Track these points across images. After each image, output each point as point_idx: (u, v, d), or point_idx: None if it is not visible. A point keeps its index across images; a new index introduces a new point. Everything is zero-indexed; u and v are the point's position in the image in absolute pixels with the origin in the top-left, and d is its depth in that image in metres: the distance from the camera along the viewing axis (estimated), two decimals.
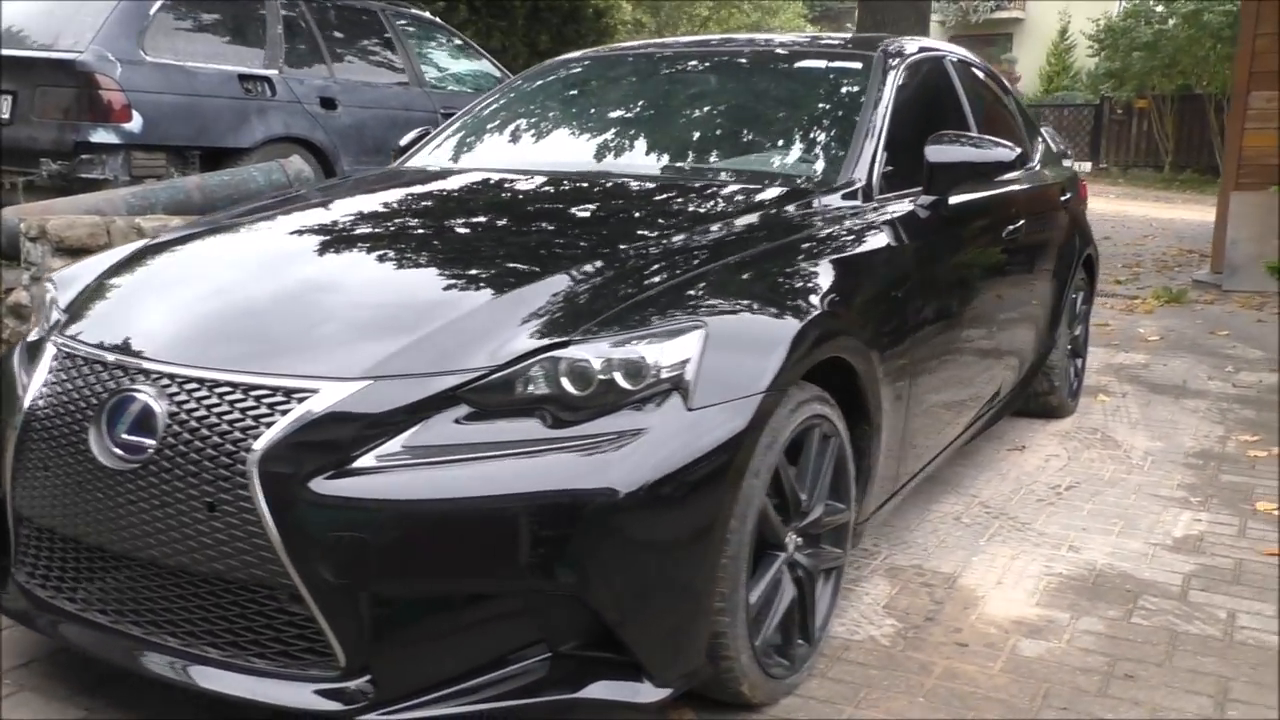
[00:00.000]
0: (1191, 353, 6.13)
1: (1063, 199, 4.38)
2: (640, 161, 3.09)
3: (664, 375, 1.95)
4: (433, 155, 3.50)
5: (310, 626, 1.87)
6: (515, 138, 3.49)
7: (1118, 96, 25.89)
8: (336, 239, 2.56)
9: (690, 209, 2.69)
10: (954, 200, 3.07)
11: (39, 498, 2.12)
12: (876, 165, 2.91)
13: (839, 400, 2.42)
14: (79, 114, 5.29)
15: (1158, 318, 7.38)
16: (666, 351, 1.97)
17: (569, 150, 3.31)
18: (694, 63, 3.65)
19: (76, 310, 2.35)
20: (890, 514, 3.33)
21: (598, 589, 1.87)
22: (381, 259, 2.40)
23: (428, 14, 7.73)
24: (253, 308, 2.19)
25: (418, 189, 3.06)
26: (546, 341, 1.95)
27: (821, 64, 3.45)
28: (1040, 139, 4.58)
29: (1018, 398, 4.04)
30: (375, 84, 6.64)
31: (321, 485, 1.83)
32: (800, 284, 2.33)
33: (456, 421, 1.89)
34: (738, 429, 1.99)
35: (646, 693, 1.92)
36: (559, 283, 2.13)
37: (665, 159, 3.10)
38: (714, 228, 2.47)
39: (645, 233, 2.50)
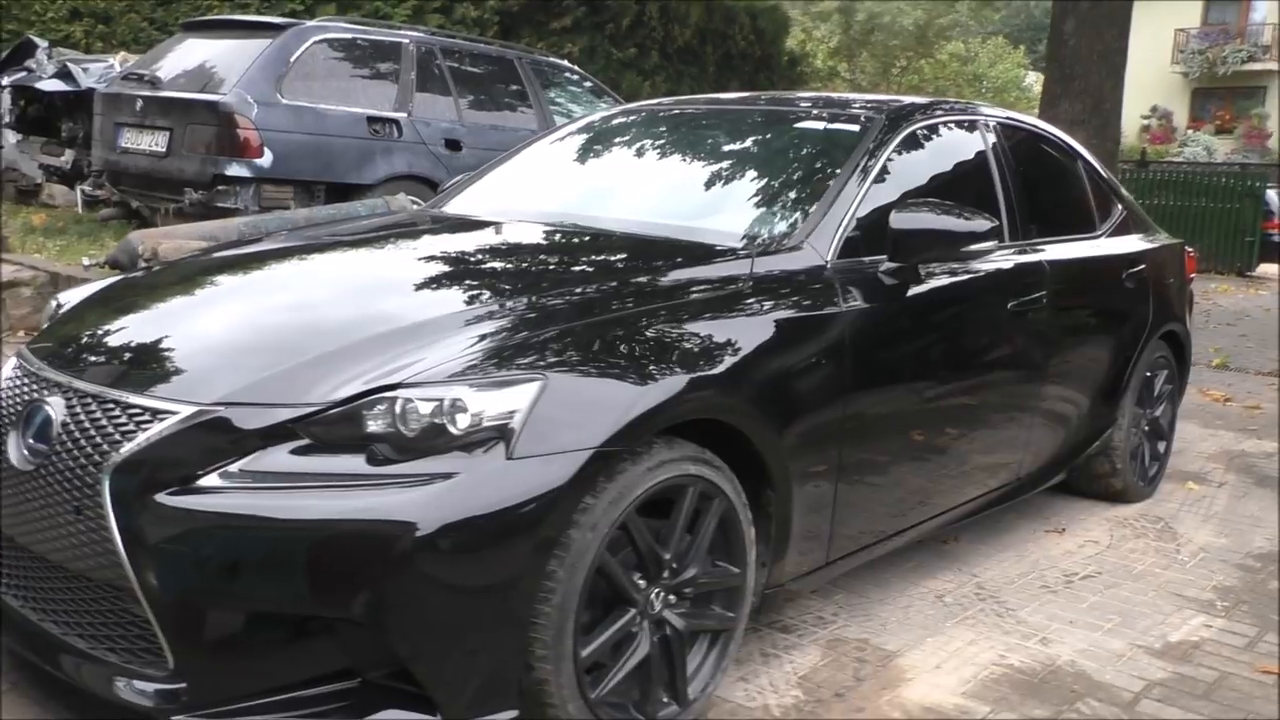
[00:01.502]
0: None
1: (1131, 270, 4.13)
2: (613, 214, 3.16)
3: (487, 423, 2.03)
4: (458, 198, 3.69)
5: (150, 629, 2.05)
6: (524, 186, 3.64)
7: None
8: (262, 279, 2.81)
9: (611, 264, 2.75)
10: (927, 269, 2.99)
11: None
12: (840, 231, 2.87)
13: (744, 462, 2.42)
14: (218, 149, 5.85)
15: None
16: (495, 400, 2.05)
17: (555, 199, 3.43)
18: (698, 120, 3.70)
19: (52, 326, 2.66)
20: (867, 581, 3.27)
21: (393, 621, 1.95)
22: (281, 299, 2.60)
23: (565, 62, 8.06)
24: (157, 336, 2.42)
25: (403, 237, 3.25)
26: (380, 383, 2.06)
27: (821, 125, 3.43)
28: (1119, 208, 4.33)
29: (1048, 476, 3.83)
30: (502, 127, 6.98)
31: (164, 499, 2.01)
32: (677, 345, 2.34)
33: (291, 452, 2.03)
34: (558, 482, 2.03)
35: None
36: (429, 328, 2.25)
37: (636, 213, 3.16)
38: (615, 284, 2.53)
39: (544, 284, 2.59)
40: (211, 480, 2.02)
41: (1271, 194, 16.52)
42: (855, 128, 3.27)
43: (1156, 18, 30.84)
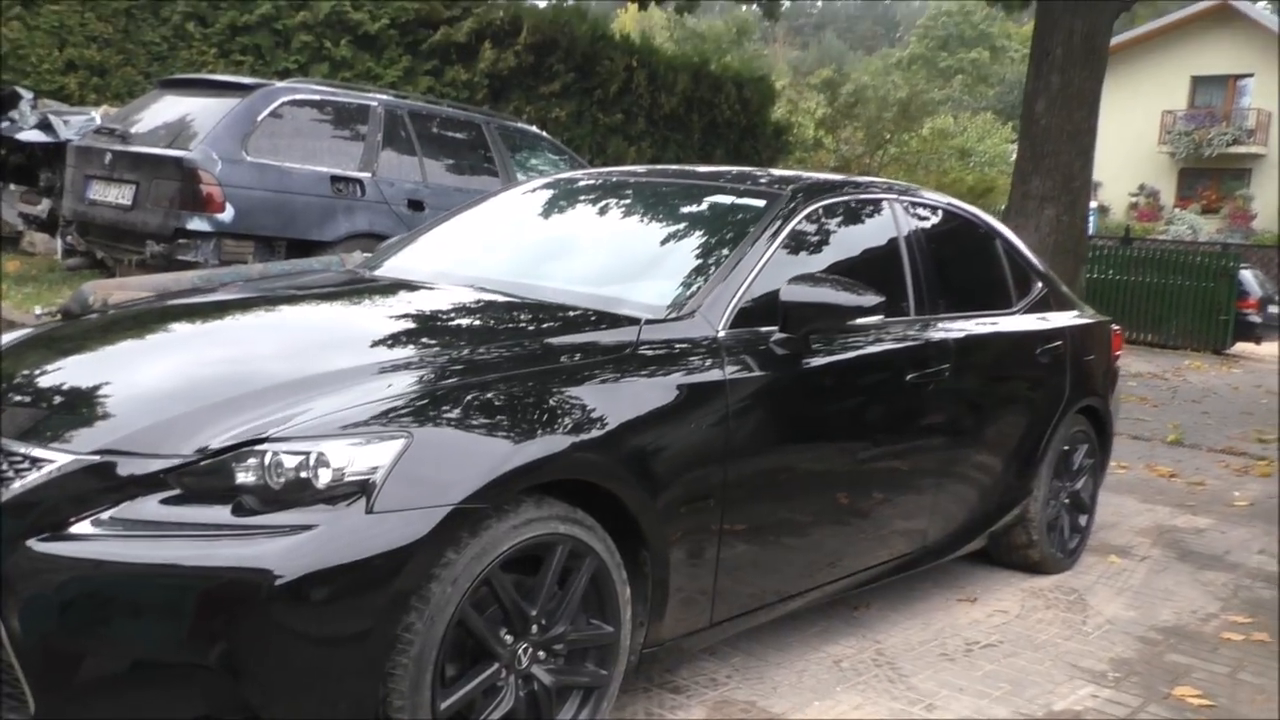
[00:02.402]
0: (1269, 523, 5.67)
1: (1047, 346, 4.24)
2: (516, 279, 3.27)
3: (349, 477, 2.12)
4: (389, 259, 3.81)
5: (11, 671, 2.11)
6: (446, 248, 3.76)
7: None
8: (175, 331, 2.93)
9: (507, 327, 2.87)
10: (824, 341, 3.10)
11: None
12: (734, 301, 2.98)
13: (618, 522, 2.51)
14: (181, 203, 6.00)
15: (1271, 482, 6.84)
16: (359, 456, 2.14)
17: (475, 262, 3.55)
18: (616, 191, 3.84)
19: None
20: (767, 643, 3.34)
21: (249, 668, 2.03)
22: (186, 351, 2.71)
23: (533, 128, 8.27)
24: (58, 385, 2.52)
25: (320, 297, 3.35)
26: (250, 436, 2.16)
27: (731, 199, 3.56)
28: (1039, 285, 4.46)
29: (957, 544, 3.90)
30: (466, 189, 7.14)
31: (35, 544, 2.09)
32: (552, 407, 2.44)
33: (161, 501, 2.12)
34: (416, 536, 2.12)
35: None
36: (308, 384, 2.34)
37: (541, 278, 3.27)
38: (506, 346, 2.64)
39: (440, 344, 2.70)
40: (83, 527, 2.11)
41: (1247, 274, 16.74)
42: (761, 202, 3.40)
43: (1145, 99, 31.49)
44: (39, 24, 11.88)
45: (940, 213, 4.09)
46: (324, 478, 2.11)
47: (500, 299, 3.12)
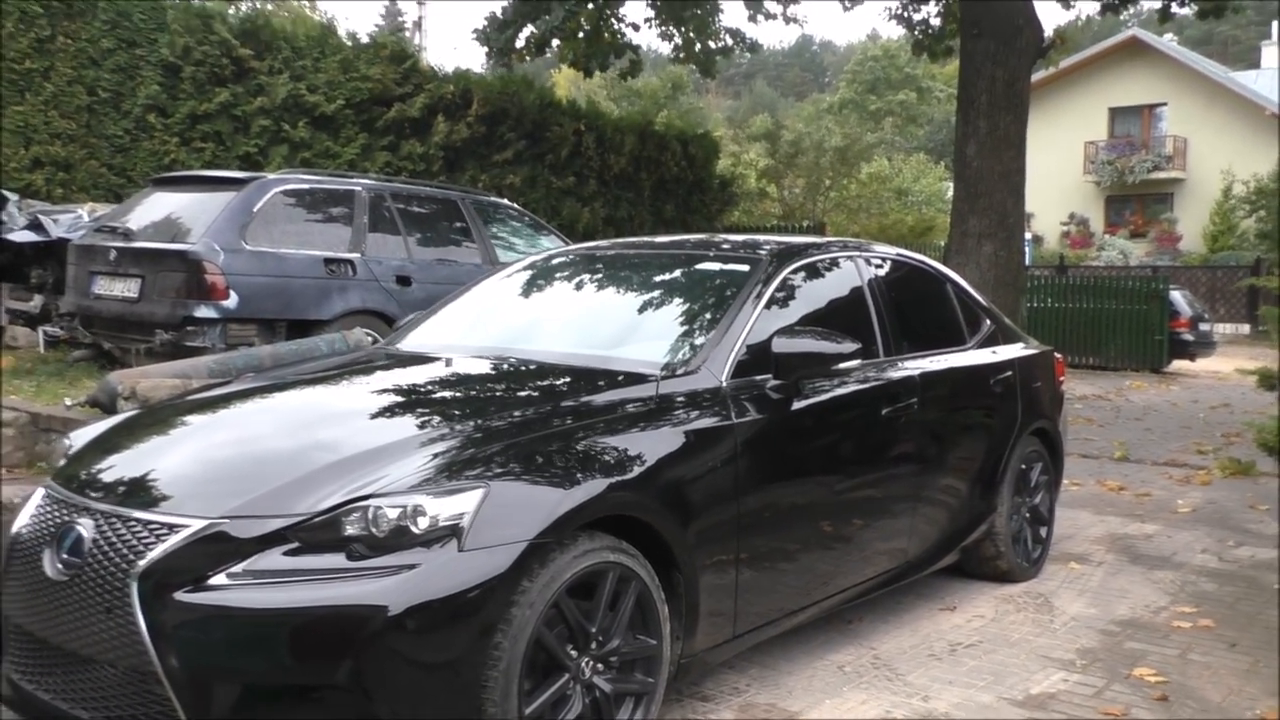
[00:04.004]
0: (1210, 526, 6.21)
1: (999, 376, 4.77)
2: (541, 347, 3.74)
3: (443, 523, 2.55)
4: (410, 336, 4.24)
5: (169, 704, 2.50)
6: (464, 323, 4.21)
7: (1271, 259, 25.10)
8: (247, 413, 3.33)
9: (541, 390, 3.32)
10: (810, 384, 3.59)
11: (16, 602, 2.86)
12: (733, 355, 3.47)
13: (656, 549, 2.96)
14: (187, 293, 6.39)
15: (1211, 489, 7.41)
16: (448, 505, 2.58)
17: (495, 333, 4.02)
18: (629, 262, 4.33)
19: (70, 461, 3.14)
20: (778, 656, 3.77)
21: (372, 686, 2.43)
22: (266, 429, 3.13)
23: (504, 200, 8.75)
24: (165, 463, 2.93)
25: (362, 372, 3.78)
26: (358, 494, 2.58)
27: (718, 265, 4.06)
28: (988, 322, 5.00)
29: (934, 559, 4.38)
30: (449, 261, 7.61)
31: (182, 596, 2.49)
32: (594, 455, 2.89)
33: (284, 553, 2.53)
34: (503, 568, 2.55)
35: None
36: (390, 450, 2.78)
37: (562, 345, 3.74)
38: (548, 407, 3.09)
39: (485, 409, 3.15)
40: (220, 579, 2.51)
41: (1177, 294, 17.60)
42: (746, 267, 3.90)
43: (1068, 131, 32.84)
44: (4, 125, 12.20)
45: (895, 264, 4.62)
46: (421, 524, 2.54)
47: (527, 366, 3.57)
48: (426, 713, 2.49)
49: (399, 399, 3.45)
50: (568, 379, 3.42)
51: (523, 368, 3.59)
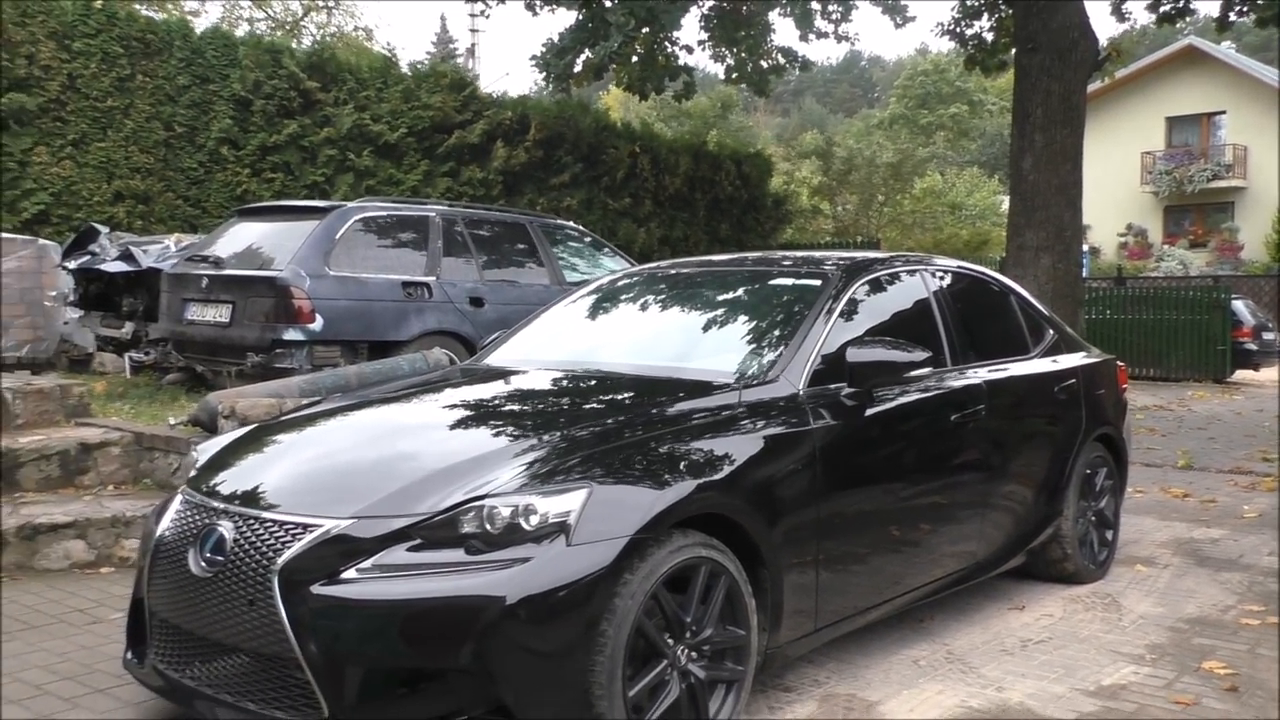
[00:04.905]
0: (1276, 530, 6.27)
1: (1063, 384, 4.92)
2: (626, 359, 3.99)
3: (551, 520, 2.78)
4: (497, 352, 4.51)
5: (308, 687, 2.75)
6: (549, 339, 4.46)
7: None
8: (357, 425, 3.60)
9: (628, 399, 3.55)
10: (881, 392, 3.78)
11: (162, 598, 3.14)
12: (809, 365, 3.67)
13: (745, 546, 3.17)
14: (276, 317, 6.73)
15: (1276, 495, 7.44)
16: (556, 503, 2.81)
17: (580, 349, 4.26)
18: (705, 280, 4.56)
19: (202, 469, 3.43)
20: (854, 651, 3.96)
21: (493, 669, 2.67)
22: (395, 435, 3.38)
23: (569, 222, 9.03)
24: (298, 468, 3.20)
25: (457, 386, 4.04)
26: (474, 495, 2.83)
27: (790, 280, 4.27)
28: (1050, 332, 5.15)
29: (1002, 560, 4.52)
30: (517, 283, 7.90)
31: (318, 589, 2.75)
32: (684, 459, 3.11)
33: (408, 549, 2.78)
34: (607, 561, 2.78)
35: None
36: (496, 455, 3.03)
37: (646, 358, 3.98)
38: (637, 415, 3.32)
39: (588, 416, 3.38)
40: (351, 574, 2.76)
41: (1239, 304, 17.46)
42: (818, 281, 4.11)
43: (1124, 142, 32.59)
44: (88, 160, 12.76)
45: (958, 276, 4.79)
46: (533, 521, 2.77)
47: (614, 378, 3.81)
48: (541, 697, 2.72)
49: (498, 409, 3.70)
50: (653, 389, 3.64)
51: (610, 380, 3.82)
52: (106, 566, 5.11)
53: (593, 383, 3.85)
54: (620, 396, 3.65)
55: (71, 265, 9.20)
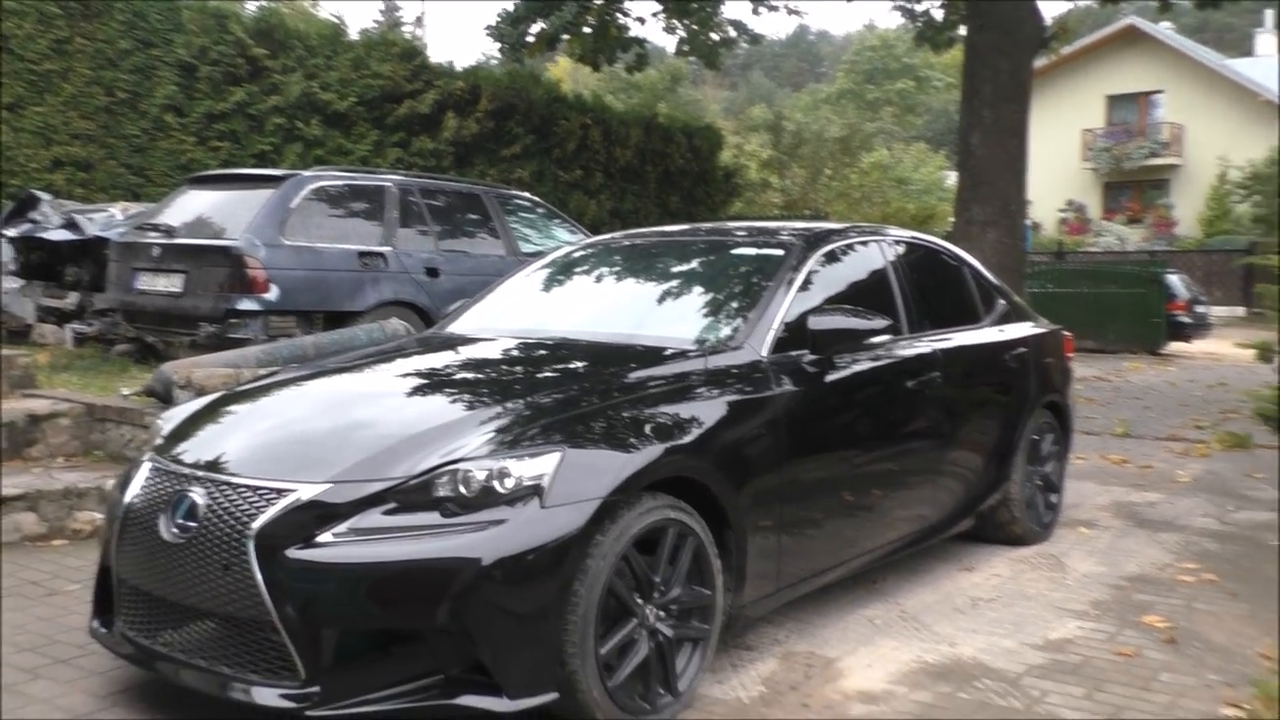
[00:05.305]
0: (1210, 493, 6.51)
1: (1013, 352, 5.06)
2: (591, 328, 4.04)
3: (526, 483, 2.84)
4: (459, 321, 4.53)
5: (284, 650, 2.79)
6: (513, 308, 4.50)
7: (1266, 243, 25.35)
8: (326, 392, 3.62)
9: (595, 366, 3.61)
10: (842, 358, 3.88)
11: (130, 565, 3.14)
12: (772, 332, 3.76)
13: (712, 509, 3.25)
14: (230, 287, 6.67)
15: (1209, 461, 7.70)
16: (530, 467, 2.87)
17: (544, 318, 4.31)
18: (666, 249, 4.62)
19: (169, 437, 3.43)
20: (810, 612, 4.07)
21: (470, 629, 2.72)
22: (365, 401, 3.42)
23: (526, 194, 9.03)
24: (269, 435, 3.22)
25: (423, 354, 4.06)
26: (448, 459, 2.87)
27: (752, 250, 4.35)
28: (1001, 302, 5.29)
29: (953, 523, 4.66)
30: (473, 254, 7.89)
31: (294, 553, 2.78)
32: (652, 423, 3.18)
33: (384, 512, 2.82)
34: (579, 523, 2.84)
35: (503, 705, 2.75)
36: (469, 419, 3.07)
37: (611, 325, 4.03)
38: (605, 381, 3.38)
39: (557, 382, 3.44)
40: (327, 537, 2.80)
41: (1174, 278, 17.91)
42: (780, 251, 4.19)
43: (1066, 119, 33.12)
44: (24, 126, 12.47)
45: (913, 246, 4.90)
46: (507, 484, 2.83)
47: (584, 344, 3.86)
48: (517, 655, 2.78)
49: (466, 375, 3.74)
50: (620, 355, 3.70)
51: (576, 347, 3.88)
52: (59, 539, 5.06)
53: (559, 350, 3.90)
54: (587, 363, 3.71)
55: (11, 233, 9.01)
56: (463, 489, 2.83)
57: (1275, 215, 24.34)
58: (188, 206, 7.46)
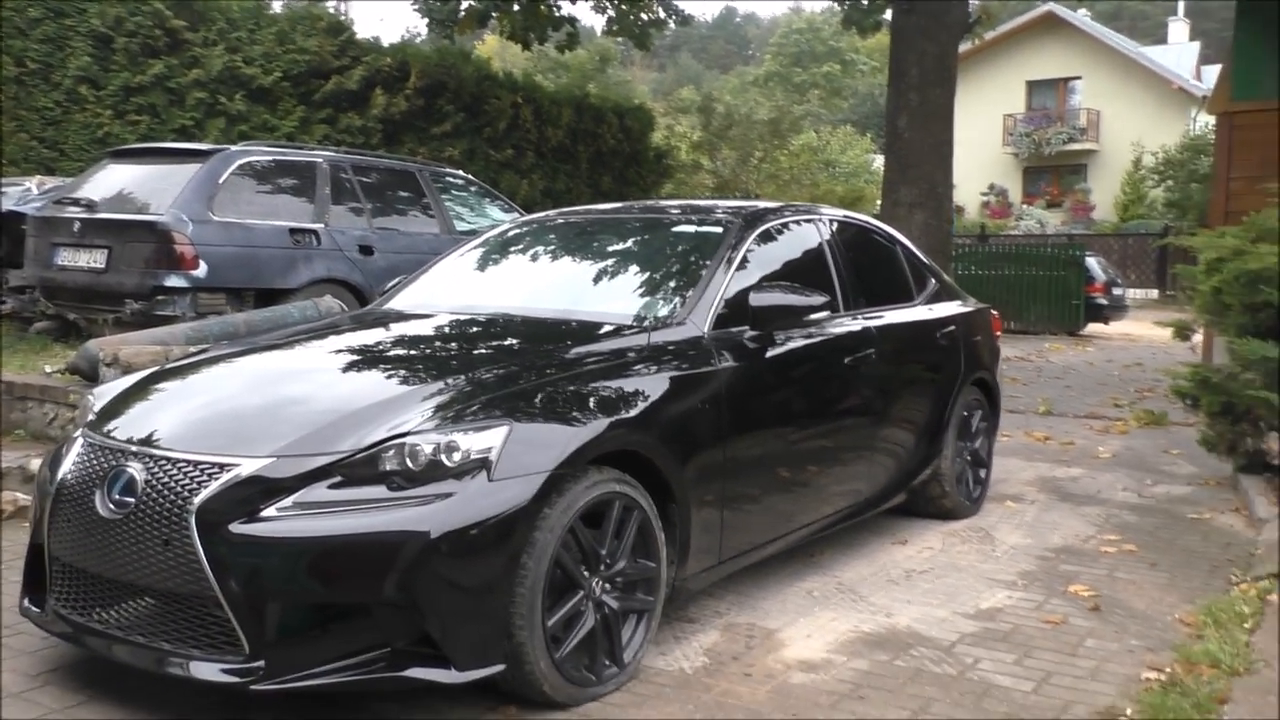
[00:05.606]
0: (1129, 468, 6.73)
1: (944, 330, 5.17)
2: (534, 304, 4.03)
3: (473, 456, 2.84)
4: (398, 298, 4.49)
5: (227, 625, 2.76)
6: (453, 285, 4.47)
7: (1179, 226, 26.16)
8: (264, 367, 3.57)
9: (540, 341, 3.62)
10: (782, 335, 3.93)
11: (64, 543, 3.08)
12: (713, 309, 3.80)
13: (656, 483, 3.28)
14: (157, 263, 6.52)
15: (1128, 438, 7.96)
16: (477, 440, 2.87)
17: (483, 295, 4.29)
18: (605, 226, 4.63)
19: (101, 413, 3.35)
20: (750, 585, 4.13)
21: (418, 602, 2.72)
22: (306, 376, 3.38)
23: (460, 173, 8.96)
24: (207, 410, 3.17)
25: (363, 329, 4.03)
26: (395, 432, 2.86)
27: (694, 228, 4.38)
28: (933, 281, 5.40)
29: (886, 497, 4.76)
30: (407, 232, 7.81)
31: (237, 527, 2.75)
32: (597, 397, 3.20)
33: (329, 486, 2.80)
34: (526, 496, 2.86)
35: (451, 677, 2.76)
36: (413, 394, 3.07)
37: (553, 301, 4.03)
38: (549, 356, 3.39)
39: (501, 357, 3.44)
40: (270, 512, 2.77)
41: (1092, 261, 18.39)
42: (719, 229, 4.22)
43: (988, 104, 33.73)
44: None
45: (846, 225, 4.98)
46: (455, 458, 2.83)
47: (525, 321, 3.86)
48: (465, 628, 2.78)
49: (408, 351, 3.72)
50: (562, 332, 3.71)
51: (519, 323, 3.87)
52: None
53: (500, 326, 3.90)
54: (530, 339, 3.70)
55: None
56: (410, 462, 2.82)
57: (1187, 199, 25.14)
58: (109, 181, 7.26)
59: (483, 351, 3.61)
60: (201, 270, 6.56)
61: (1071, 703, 3.15)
